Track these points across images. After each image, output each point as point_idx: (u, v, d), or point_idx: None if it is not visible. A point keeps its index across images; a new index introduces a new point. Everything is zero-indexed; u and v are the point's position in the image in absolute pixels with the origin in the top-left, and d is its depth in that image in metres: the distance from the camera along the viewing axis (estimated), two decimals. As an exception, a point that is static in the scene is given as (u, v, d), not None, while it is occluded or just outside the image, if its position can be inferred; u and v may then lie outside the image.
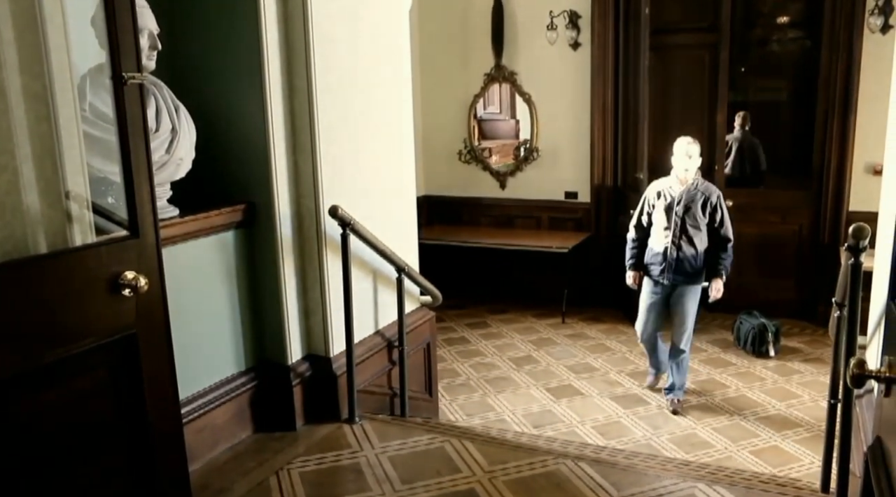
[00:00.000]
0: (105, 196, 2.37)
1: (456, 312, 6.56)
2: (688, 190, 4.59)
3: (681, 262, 4.60)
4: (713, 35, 6.20)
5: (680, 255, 4.59)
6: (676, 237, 4.59)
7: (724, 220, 4.60)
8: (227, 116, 3.09)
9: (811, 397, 4.77)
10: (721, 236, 4.60)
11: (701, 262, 4.61)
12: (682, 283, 4.62)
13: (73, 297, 1.98)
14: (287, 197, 3.15)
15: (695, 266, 4.60)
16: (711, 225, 4.59)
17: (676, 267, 4.61)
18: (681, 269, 4.61)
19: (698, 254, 4.59)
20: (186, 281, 2.85)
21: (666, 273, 4.63)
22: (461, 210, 7.13)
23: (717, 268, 4.61)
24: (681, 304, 4.67)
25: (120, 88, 2.04)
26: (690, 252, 4.57)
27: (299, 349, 3.30)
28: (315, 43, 3.06)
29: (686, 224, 4.58)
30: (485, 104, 7.01)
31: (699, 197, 4.57)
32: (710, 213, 4.58)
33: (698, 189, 4.60)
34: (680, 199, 4.58)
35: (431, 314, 4.05)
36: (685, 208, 4.57)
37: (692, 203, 4.56)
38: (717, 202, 4.59)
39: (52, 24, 2.01)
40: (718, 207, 4.59)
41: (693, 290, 4.64)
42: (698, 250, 4.58)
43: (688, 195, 4.57)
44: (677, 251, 4.59)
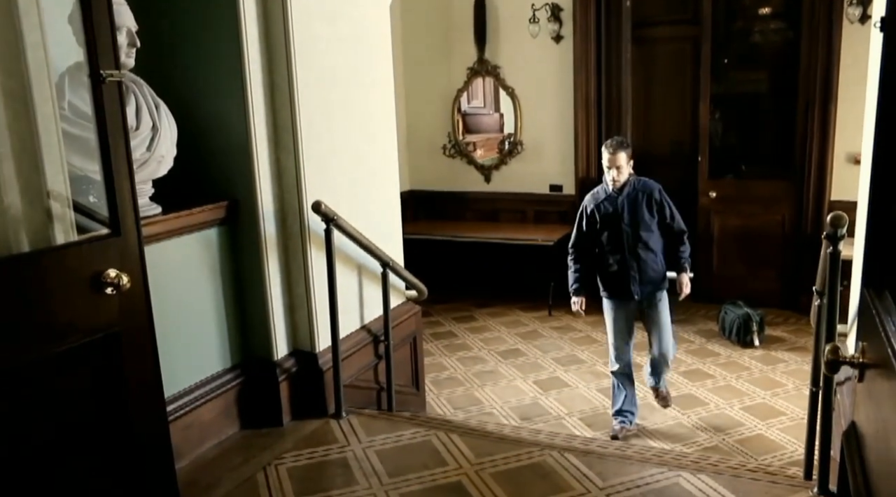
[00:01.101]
0: (86, 195, 2.36)
1: (442, 306, 6.57)
2: (627, 195, 4.22)
3: (644, 272, 4.22)
4: (695, 27, 6.23)
5: (641, 266, 4.22)
6: (632, 248, 4.22)
7: (674, 213, 4.29)
8: (208, 114, 3.09)
9: (795, 386, 4.82)
10: (675, 230, 4.30)
11: (662, 262, 4.29)
12: (651, 291, 4.26)
13: (54, 296, 1.97)
14: (270, 193, 3.15)
15: (658, 269, 4.27)
16: (662, 221, 4.26)
17: (641, 278, 4.23)
18: (646, 278, 4.23)
19: (657, 255, 4.26)
20: (170, 278, 2.85)
21: (633, 287, 4.23)
22: (446, 204, 7.14)
23: (679, 263, 4.33)
24: (656, 312, 4.31)
25: (98, 86, 2.03)
26: (650, 257, 4.22)
27: (285, 345, 3.30)
28: (295, 39, 3.05)
29: (638, 231, 4.22)
30: (468, 98, 7.01)
31: (641, 198, 4.22)
32: (657, 210, 4.25)
33: (636, 189, 4.25)
34: (622, 207, 4.23)
35: (417, 308, 4.06)
36: (631, 215, 4.21)
37: (636, 207, 4.22)
38: (660, 197, 4.25)
39: (27, 22, 2.00)
40: (664, 202, 4.26)
41: (663, 294, 4.32)
42: (656, 252, 4.26)
43: (629, 201, 4.22)
44: (637, 262, 4.21)
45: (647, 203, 4.23)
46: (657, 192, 4.26)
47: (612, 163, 4.18)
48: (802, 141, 5.94)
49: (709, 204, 6.35)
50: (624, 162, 4.19)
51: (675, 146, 6.80)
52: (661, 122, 6.81)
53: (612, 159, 4.17)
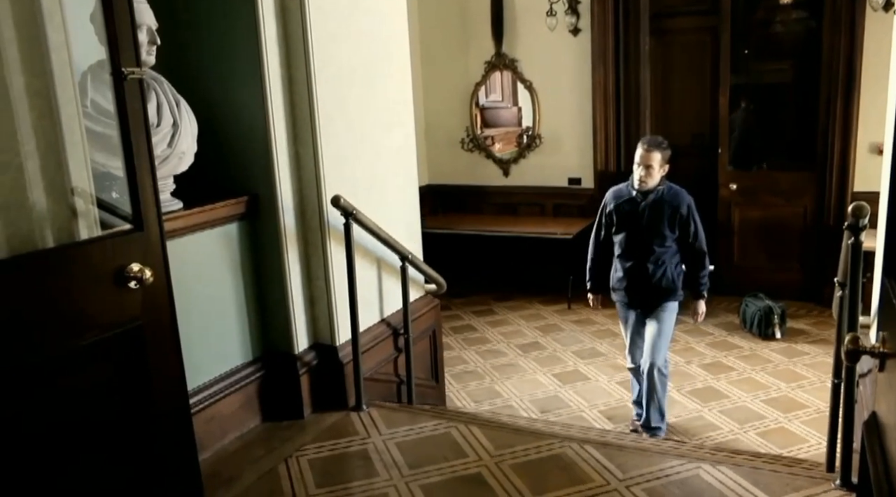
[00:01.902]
0: (109, 191, 2.40)
1: (462, 300, 6.59)
2: (651, 203, 3.90)
3: (650, 286, 3.95)
4: (714, 18, 6.18)
5: (649, 279, 3.94)
6: (642, 259, 3.94)
7: (698, 233, 3.95)
8: (227, 109, 3.12)
9: (817, 378, 4.78)
10: (695, 250, 3.96)
11: (674, 278, 3.97)
12: (656, 304, 3.99)
13: (79, 291, 2.00)
14: (289, 188, 3.17)
15: (667, 285, 3.96)
16: (683, 238, 3.94)
17: (646, 291, 3.97)
18: (651, 292, 3.97)
19: (669, 271, 3.95)
20: (192, 273, 2.88)
21: (635, 298, 4.02)
22: (465, 198, 7.15)
23: (697, 289, 4.01)
24: (656, 319, 4.00)
25: (120, 84, 2.06)
26: (660, 271, 3.93)
27: (305, 338, 3.33)
28: (313, 34, 3.07)
29: (652, 243, 3.91)
30: (486, 92, 7.01)
31: (665, 210, 3.89)
32: (680, 227, 3.91)
33: (664, 198, 3.90)
34: (642, 215, 3.91)
35: (436, 302, 4.07)
36: (649, 226, 3.90)
37: (657, 218, 3.89)
38: (687, 213, 3.90)
39: (51, 23, 2.03)
40: (691, 220, 3.91)
41: (670, 306, 4.01)
42: (668, 268, 3.95)
43: (651, 210, 3.90)
44: (645, 274, 3.93)
45: (671, 217, 3.90)
46: (685, 207, 3.91)
47: (643, 160, 3.87)
48: (824, 131, 5.88)
49: (729, 196, 6.31)
50: (657, 163, 3.86)
51: (695, 138, 6.76)
52: (680, 113, 6.78)
53: (644, 156, 3.87)
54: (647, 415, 4.06)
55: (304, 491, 2.72)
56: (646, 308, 4.05)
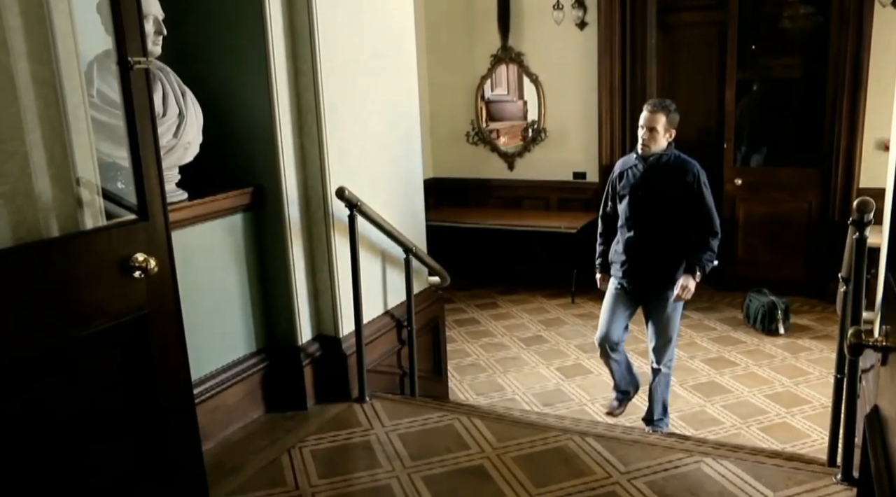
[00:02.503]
0: (114, 181, 2.41)
1: (465, 293, 6.59)
2: (652, 167, 3.67)
3: (649, 263, 3.71)
4: (721, 12, 6.15)
5: (647, 254, 3.69)
6: (644, 228, 3.70)
7: (707, 205, 3.66)
8: (233, 100, 3.12)
9: (820, 374, 4.78)
10: (703, 225, 3.67)
11: (677, 257, 3.72)
12: (657, 287, 3.76)
13: (84, 280, 2.01)
14: (294, 179, 3.18)
15: (670, 266, 3.71)
16: (690, 211, 3.65)
17: (644, 269, 3.73)
18: (650, 272, 3.73)
19: (673, 250, 3.70)
20: (197, 263, 2.89)
21: (631, 276, 3.78)
22: (469, 192, 7.14)
23: (691, 261, 3.68)
24: (657, 312, 3.79)
25: (126, 74, 2.06)
26: (661, 249, 3.69)
27: (309, 330, 3.34)
28: (319, 26, 3.07)
29: (652, 212, 3.67)
30: (492, 85, 7.00)
31: (670, 175, 3.64)
32: (686, 197, 3.63)
33: (668, 164, 3.66)
34: (645, 177, 3.69)
35: (440, 294, 4.08)
36: (649, 190, 3.68)
37: (659, 183, 3.66)
38: (694, 182, 3.62)
39: (58, 11, 2.03)
40: (701, 189, 3.64)
41: (670, 295, 3.74)
42: (673, 245, 3.69)
43: (653, 173, 3.67)
44: (643, 248, 3.70)
45: (675, 185, 3.63)
46: (692, 176, 3.63)
47: (646, 122, 3.67)
48: (830, 127, 5.86)
49: (734, 191, 6.30)
50: (661, 126, 3.64)
51: (700, 133, 6.73)
52: (686, 108, 6.68)
53: (648, 118, 3.67)
54: (650, 407, 4.03)
55: (306, 481, 2.74)
56: (643, 289, 3.79)
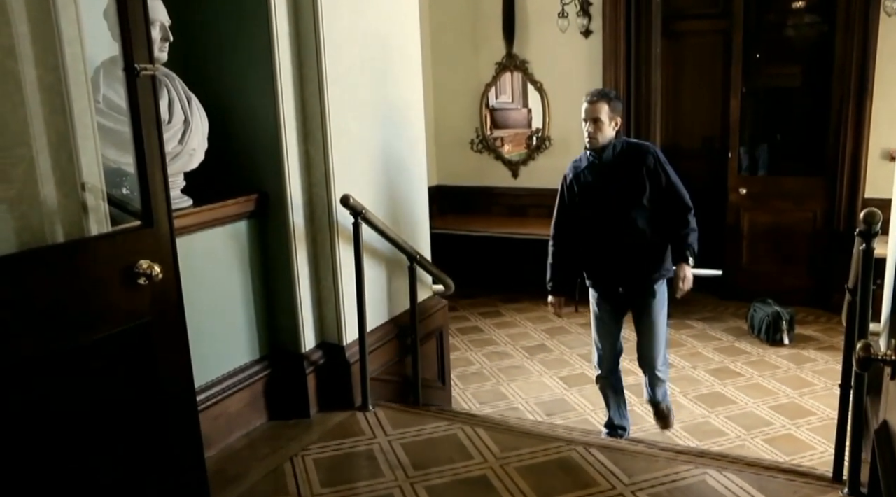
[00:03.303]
0: (119, 187, 2.40)
1: (469, 301, 6.58)
2: (607, 161, 3.46)
3: (631, 260, 3.51)
4: (726, 21, 6.16)
5: (628, 252, 3.49)
6: (616, 230, 3.49)
7: (673, 183, 3.47)
8: (238, 107, 3.12)
9: (825, 385, 4.75)
10: (674, 205, 3.48)
11: (658, 248, 3.53)
12: (641, 285, 3.57)
13: (88, 286, 2.00)
14: (299, 186, 3.18)
15: (651, 257, 3.51)
16: (657, 194, 3.45)
17: (628, 268, 3.53)
18: (634, 269, 3.53)
19: (651, 238, 3.50)
20: (201, 270, 2.89)
21: (616, 279, 3.58)
22: (473, 199, 7.14)
23: (677, 248, 3.50)
24: (647, 310, 3.59)
25: (133, 80, 2.06)
26: (640, 241, 3.48)
27: (313, 337, 3.33)
28: (325, 33, 3.08)
29: (620, 208, 3.46)
30: (497, 93, 6.99)
31: (628, 163, 3.46)
32: (650, 180, 3.44)
33: (623, 153, 3.47)
34: (605, 177, 3.48)
35: (444, 303, 4.07)
36: (611, 186, 3.46)
37: (620, 176, 3.46)
38: (654, 163, 3.44)
39: (65, 17, 2.03)
40: (659, 169, 3.45)
41: (659, 289, 3.59)
42: (649, 234, 3.49)
43: (610, 167, 3.46)
44: (623, 247, 3.50)
45: (636, 172, 3.44)
46: (650, 156, 3.45)
47: (588, 114, 3.44)
48: (836, 137, 5.84)
49: (739, 200, 6.28)
50: (605, 116, 3.42)
51: (705, 141, 6.74)
52: (691, 117, 6.75)
53: (589, 109, 3.43)
54: (652, 394, 3.88)
55: (309, 490, 2.72)
56: (630, 288, 3.59)
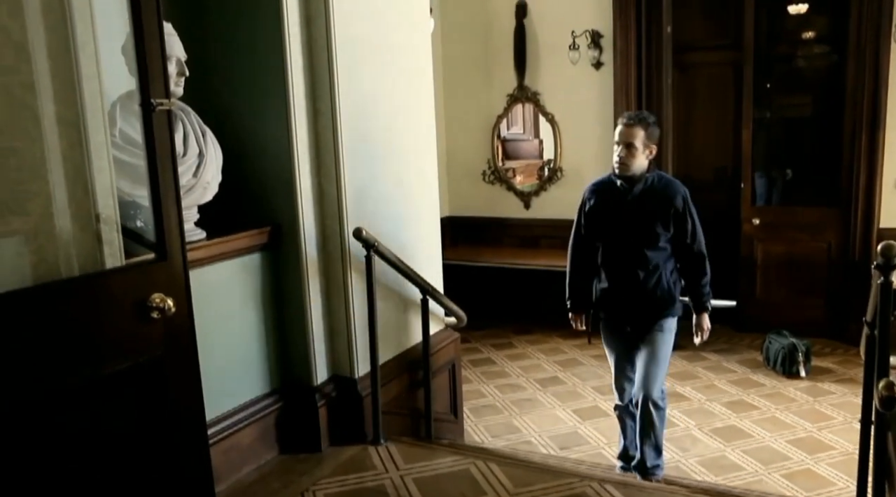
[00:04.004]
0: (134, 219, 2.41)
1: (481, 333, 6.54)
2: (638, 194, 3.33)
3: (642, 298, 3.39)
4: (736, 52, 6.18)
5: (640, 291, 3.37)
6: (630, 266, 3.37)
7: (696, 232, 3.37)
8: (252, 140, 3.14)
9: (844, 419, 4.68)
10: (693, 253, 3.40)
11: (670, 286, 3.42)
12: (650, 321, 3.45)
13: (102, 320, 2.01)
14: (312, 219, 3.18)
15: (663, 295, 3.40)
16: (679, 239, 3.37)
17: (638, 304, 3.41)
18: (644, 306, 3.41)
19: (664, 279, 3.39)
20: (213, 303, 2.88)
21: (625, 314, 3.48)
22: (485, 230, 7.14)
23: (698, 299, 3.45)
24: (649, 341, 3.45)
25: (149, 115, 2.08)
26: (654, 280, 3.37)
27: (324, 370, 3.31)
28: (339, 67, 3.10)
29: (642, 246, 3.34)
30: (508, 124, 7.03)
31: (657, 201, 3.32)
32: (675, 224, 3.34)
33: (654, 188, 3.34)
34: (628, 209, 3.34)
35: (456, 335, 4.04)
36: (637, 223, 3.34)
37: (647, 213, 3.32)
38: (683, 207, 3.33)
39: (84, 53, 2.06)
40: (687, 215, 3.34)
41: (667, 325, 3.46)
42: (663, 275, 3.39)
43: (639, 203, 3.33)
44: (635, 285, 3.37)
45: (663, 212, 3.32)
46: (681, 199, 3.34)
47: (623, 137, 3.30)
48: (849, 166, 5.82)
49: (752, 231, 6.24)
50: (640, 141, 3.27)
51: (717, 172, 6.73)
52: (702, 147, 6.75)
53: (624, 133, 3.30)
54: (640, 454, 3.62)
55: (320, 526, 2.69)
56: (638, 327, 3.48)
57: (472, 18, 6.82)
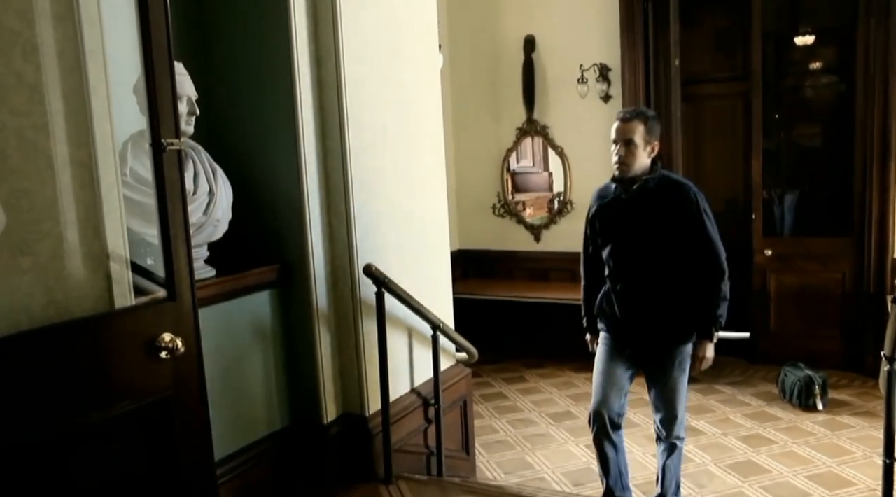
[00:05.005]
0: (144, 257, 2.41)
1: (492, 367, 6.49)
2: (639, 195, 2.94)
3: (648, 321, 3.00)
4: (745, 83, 6.21)
5: (644, 309, 2.99)
6: (633, 278, 2.99)
7: (711, 238, 2.94)
8: (262, 178, 3.16)
9: (864, 454, 4.58)
10: (707, 265, 2.95)
11: (679, 311, 3.01)
12: (657, 349, 3.07)
13: (111, 360, 1.99)
14: (322, 256, 3.18)
15: (674, 320, 3.00)
16: (690, 247, 2.95)
17: (642, 328, 3.02)
18: (651, 331, 3.02)
19: (676, 299, 2.98)
20: (222, 341, 2.87)
21: (627, 337, 3.11)
22: (496, 263, 7.12)
23: (704, 323, 2.99)
24: (662, 378, 3.10)
25: (159, 155, 2.09)
26: (661, 300, 2.97)
27: (335, 408, 3.28)
28: (348, 104, 3.12)
29: (645, 254, 2.94)
30: (518, 158, 7.06)
31: (663, 203, 2.93)
32: (683, 228, 2.91)
33: (659, 189, 2.94)
34: (632, 212, 2.96)
35: (467, 371, 4.01)
36: (639, 226, 2.94)
37: (651, 216, 2.92)
38: (696, 210, 2.92)
39: (96, 94, 2.08)
40: (704, 218, 2.93)
41: (679, 357, 3.07)
42: (674, 294, 2.98)
43: (642, 203, 2.94)
44: (638, 302, 2.99)
45: (670, 215, 2.91)
46: (691, 201, 2.92)
47: (621, 134, 2.95)
48: (861, 196, 5.79)
49: (764, 262, 6.20)
50: (640, 137, 2.92)
51: (728, 204, 6.71)
52: (713, 179, 6.73)
53: (621, 129, 2.95)
54: (662, 487, 3.39)
55: (330, 569, 2.64)
56: (641, 353, 3.10)
57: (480, 53, 6.89)
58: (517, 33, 6.68)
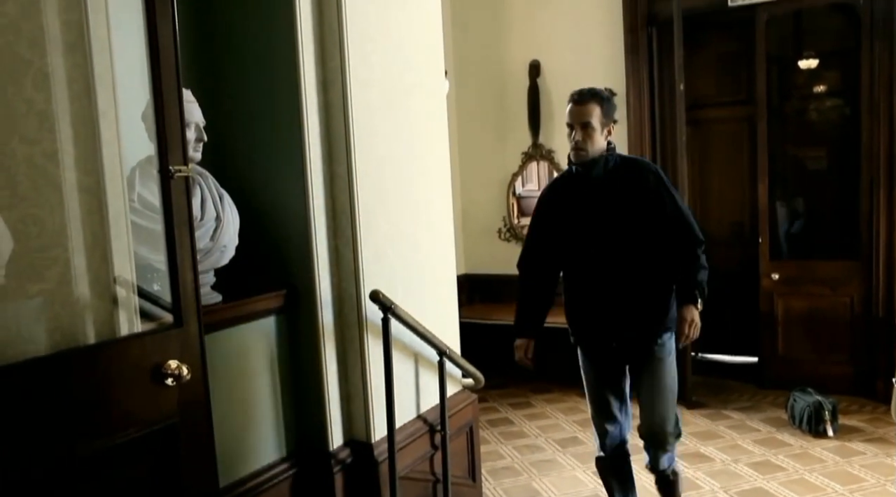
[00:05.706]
0: (150, 283, 2.41)
1: (498, 392, 6.44)
2: (599, 179, 2.82)
3: (628, 310, 2.88)
4: (749, 107, 6.22)
5: (624, 300, 2.87)
6: (603, 267, 2.86)
7: (680, 208, 2.88)
8: (268, 202, 3.16)
9: (877, 481, 4.51)
10: (681, 236, 2.87)
11: (660, 293, 2.90)
12: (640, 340, 2.94)
13: (117, 387, 1.99)
14: (328, 282, 3.17)
15: (652, 305, 2.89)
16: (660, 223, 2.84)
17: (623, 319, 2.89)
18: (632, 321, 2.89)
19: (651, 280, 2.89)
20: (228, 367, 2.86)
21: (609, 333, 2.96)
22: (502, 288, 7.09)
23: (687, 287, 2.86)
24: (651, 366, 2.96)
25: (167, 181, 2.10)
26: (639, 286, 2.86)
27: (340, 435, 3.25)
28: (355, 130, 3.14)
29: (615, 239, 2.83)
30: (523, 182, 7.07)
31: (625, 183, 2.83)
32: (650, 204, 2.82)
33: (619, 170, 2.84)
34: (590, 197, 2.85)
35: (474, 397, 3.98)
36: (604, 211, 2.83)
37: (615, 198, 2.82)
38: (656, 184, 2.84)
39: (105, 121, 2.09)
40: (662, 191, 2.84)
41: (664, 342, 2.96)
42: (650, 278, 2.88)
43: (603, 186, 2.82)
44: (616, 293, 2.87)
45: (634, 194, 2.83)
46: (651, 175, 2.85)
47: (575, 117, 2.82)
48: (868, 219, 5.77)
49: (771, 286, 6.16)
50: (596, 119, 2.80)
51: (734, 227, 6.70)
52: (718, 203, 6.74)
53: (575, 112, 2.82)
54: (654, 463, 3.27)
55: None
56: (626, 344, 2.98)
57: (486, 79, 6.93)
58: (522, 59, 6.72)
